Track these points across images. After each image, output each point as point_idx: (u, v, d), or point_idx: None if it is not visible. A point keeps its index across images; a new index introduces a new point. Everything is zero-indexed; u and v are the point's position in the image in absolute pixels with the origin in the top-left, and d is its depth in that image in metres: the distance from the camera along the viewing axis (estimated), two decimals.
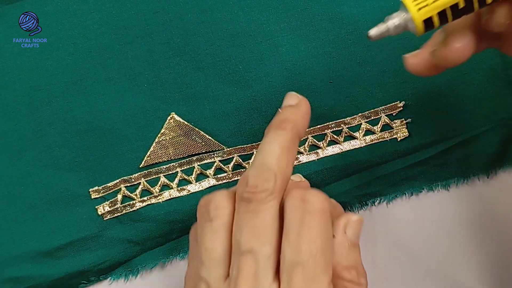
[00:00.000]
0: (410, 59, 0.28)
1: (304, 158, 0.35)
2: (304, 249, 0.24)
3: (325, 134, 0.36)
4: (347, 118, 0.35)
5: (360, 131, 0.35)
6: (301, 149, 0.35)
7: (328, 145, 0.35)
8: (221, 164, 0.36)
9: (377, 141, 0.35)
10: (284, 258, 0.24)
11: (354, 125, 0.35)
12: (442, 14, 0.23)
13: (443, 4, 0.23)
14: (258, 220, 0.25)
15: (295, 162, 0.35)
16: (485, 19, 0.25)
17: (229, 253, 0.25)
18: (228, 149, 0.36)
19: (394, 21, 0.24)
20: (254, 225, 0.25)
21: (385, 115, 0.35)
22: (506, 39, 0.26)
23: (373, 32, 0.25)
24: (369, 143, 0.35)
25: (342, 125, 0.35)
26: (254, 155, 0.36)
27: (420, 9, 0.23)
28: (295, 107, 0.29)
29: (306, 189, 0.26)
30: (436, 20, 0.24)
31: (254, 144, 0.35)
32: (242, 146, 0.35)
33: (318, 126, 0.35)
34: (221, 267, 0.25)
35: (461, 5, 0.23)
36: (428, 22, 0.24)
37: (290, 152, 0.27)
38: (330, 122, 0.35)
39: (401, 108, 0.35)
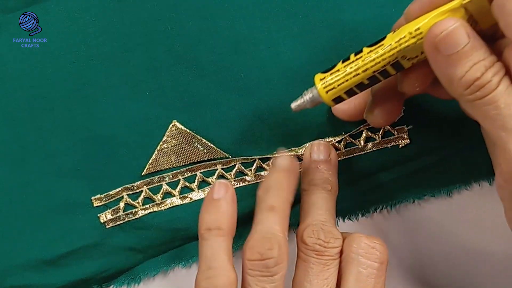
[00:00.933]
0: (341, 106, 0.31)
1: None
2: None
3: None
4: (348, 125, 0.35)
5: (361, 138, 0.35)
6: (297, 156, 0.35)
7: None
8: (223, 172, 0.36)
9: (378, 148, 0.35)
10: None
11: (355, 132, 0.35)
12: (349, 91, 0.28)
13: (348, 86, 0.27)
14: (328, 272, 0.29)
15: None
16: (399, 85, 0.29)
17: None
18: (230, 158, 0.36)
19: (309, 96, 0.29)
20: (324, 277, 0.29)
21: None
22: (430, 90, 0.30)
23: (293, 105, 0.30)
24: (370, 150, 0.35)
25: (343, 132, 0.35)
26: (256, 164, 0.36)
27: (327, 92, 0.28)
28: (331, 165, 0.34)
29: (363, 242, 0.30)
30: (344, 96, 0.28)
31: (256, 156, 0.36)
32: (245, 157, 0.36)
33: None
34: None
35: (365, 82, 0.27)
36: (337, 99, 0.28)
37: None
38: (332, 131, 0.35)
39: (402, 115, 0.35)
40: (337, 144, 0.36)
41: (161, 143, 0.36)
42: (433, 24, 0.24)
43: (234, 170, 0.36)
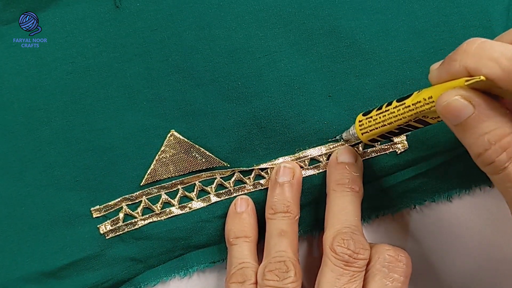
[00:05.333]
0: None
1: (305, 172, 0.35)
2: None
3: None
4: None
5: (360, 145, 0.35)
6: (302, 164, 0.35)
7: (327, 158, 0.35)
8: (222, 181, 0.36)
9: (377, 154, 0.35)
10: None
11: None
12: (382, 136, 0.30)
13: (378, 132, 0.30)
14: (354, 284, 0.29)
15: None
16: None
17: None
18: (229, 168, 0.36)
19: (352, 132, 0.33)
20: None
21: None
22: None
23: (343, 135, 0.34)
24: (369, 157, 0.35)
25: (341, 139, 0.35)
26: (255, 173, 0.36)
27: (362, 134, 0.31)
28: (358, 167, 0.34)
29: (389, 254, 0.30)
30: (379, 138, 0.31)
31: (254, 166, 0.36)
32: (244, 168, 0.36)
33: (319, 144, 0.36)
34: None
35: (395, 131, 0.29)
36: (373, 140, 0.31)
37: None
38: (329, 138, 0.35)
39: None
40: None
41: (159, 153, 0.36)
42: (440, 95, 0.25)
43: (233, 178, 0.36)
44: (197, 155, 0.36)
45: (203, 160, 0.36)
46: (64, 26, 0.36)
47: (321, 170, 0.35)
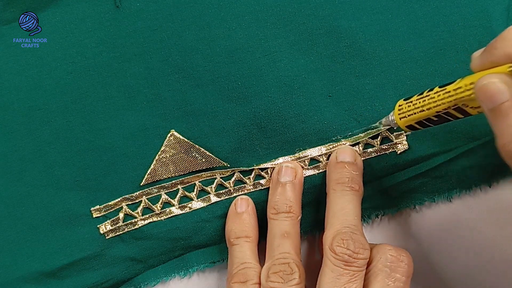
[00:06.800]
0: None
1: (305, 172, 0.35)
2: None
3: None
4: (345, 133, 0.35)
5: (360, 145, 0.35)
6: (302, 164, 0.35)
7: (327, 158, 0.35)
8: (222, 181, 0.36)
9: (377, 154, 0.35)
10: None
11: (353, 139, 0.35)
12: (420, 123, 0.30)
13: (416, 118, 0.29)
14: (354, 284, 0.29)
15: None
16: None
17: None
18: (229, 168, 0.36)
19: (391, 117, 0.32)
20: None
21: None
22: None
23: (383, 120, 0.33)
24: (369, 157, 0.35)
25: (341, 139, 0.35)
26: (255, 173, 0.36)
27: (401, 118, 0.31)
28: (357, 167, 0.34)
29: (391, 254, 0.30)
30: (416, 125, 0.30)
31: (254, 166, 0.36)
32: (244, 168, 0.36)
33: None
34: None
35: (433, 119, 0.29)
36: (410, 126, 0.30)
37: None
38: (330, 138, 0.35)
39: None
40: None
41: (159, 153, 0.36)
42: (479, 78, 0.24)
43: (233, 178, 0.36)
44: (197, 155, 0.36)
45: (203, 160, 0.36)
46: (64, 26, 0.36)
47: (321, 170, 0.35)
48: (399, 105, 0.31)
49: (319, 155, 0.35)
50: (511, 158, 0.24)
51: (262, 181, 0.36)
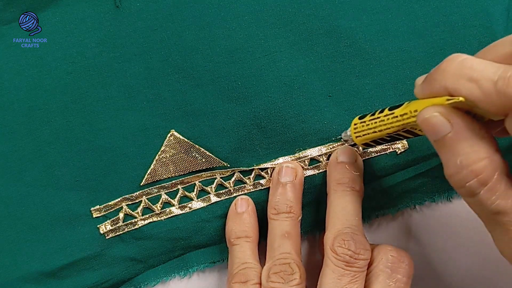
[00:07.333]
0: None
1: (305, 172, 0.35)
2: None
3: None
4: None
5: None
6: (302, 164, 0.35)
7: (327, 158, 0.35)
8: (222, 181, 0.36)
9: (377, 154, 0.35)
10: None
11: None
12: (375, 141, 0.30)
13: (370, 138, 0.30)
14: (355, 285, 0.29)
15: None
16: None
17: None
18: (229, 168, 0.36)
19: (349, 133, 0.32)
20: None
21: None
22: None
23: (342, 135, 0.34)
24: (369, 157, 0.35)
25: (341, 139, 0.35)
26: (255, 173, 0.36)
27: (356, 137, 0.31)
28: (358, 167, 0.34)
29: (392, 255, 0.30)
30: (372, 143, 0.31)
31: (254, 166, 0.36)
32: (244, 168, 0.36)
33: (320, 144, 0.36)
34: None
35: (386, 138, 0.29)
36: (367, 144, 0.31)
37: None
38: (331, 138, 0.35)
39: None
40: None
41: (159, 153, 0.36)
42: (421, 110, 0.24)
43: (233, 178, 0.36)
44: (197, 155, 0.36)
45: (203, 160, 0.36)
46: (64, 26, 0.36)
47: (321, 170, 0.35)
48: (355, 124, 0.31)
49: (319, 155, 0.35)
50: (459, 188, 0.24)
51: (262, 181, 0.36)
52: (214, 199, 0.36)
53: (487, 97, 0.22)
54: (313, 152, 0.35)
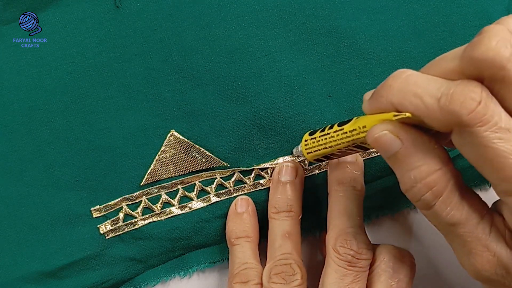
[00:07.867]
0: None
1: (305, 172, 0.35)
2: None
3: None
4: None
5: None
6: (302, 164, 0.35)
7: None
8: (222, 181, 0.36)
9: (378, 154, 0.35)
10: None
11: None
12: (325, 157, 0.31)
13: (321, 154, 0.30)
14: (357, 284, 0.29)
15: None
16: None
17: None
18: (229, 168, 0.36)
19: (300, 149, 0.33)
20: None
21: None
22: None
23: (294, 150, 0.35)
24: (369, 157, 0.35)
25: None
26: (255, 173, 0.36)
27: (308, 153, 0.31)
28: (359, 166, 0.33)
29: (394, 255, 0.30)
30: (323, 159, 0.31)
31: (254, 166, 0.36)
32: (244, 168, 0.36)
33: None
34: None
35: (337, 154, 0.29)
36: (318, 160, 0.31)
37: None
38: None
39: None
40: None
41: (159, 153, 0.36)
42: (370, 128, 0.24)
43: (233, 178, 0.36)
44: (197, 155, 0.36)
45: (203, 160, 0.36)
46: (64, 26, 0.36)
47: (322, 170, 0.35)
48: (305, 140, 0.31)
49: None
50: (415, 202, 0.24)
51: (262, 181, 0.36)
52: (214, 199, 0.36)
53: (432, 113, 0.22)
54: None
